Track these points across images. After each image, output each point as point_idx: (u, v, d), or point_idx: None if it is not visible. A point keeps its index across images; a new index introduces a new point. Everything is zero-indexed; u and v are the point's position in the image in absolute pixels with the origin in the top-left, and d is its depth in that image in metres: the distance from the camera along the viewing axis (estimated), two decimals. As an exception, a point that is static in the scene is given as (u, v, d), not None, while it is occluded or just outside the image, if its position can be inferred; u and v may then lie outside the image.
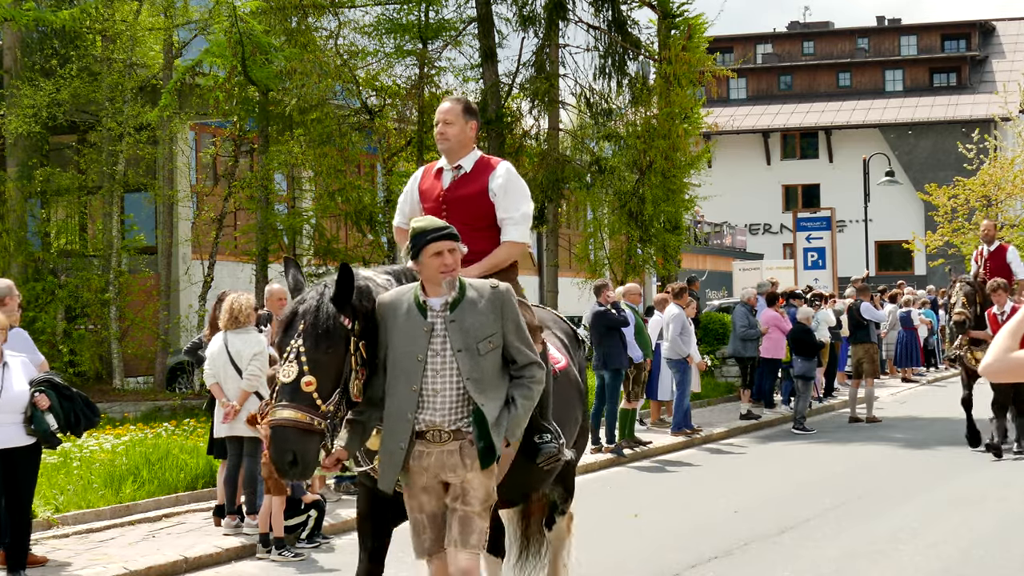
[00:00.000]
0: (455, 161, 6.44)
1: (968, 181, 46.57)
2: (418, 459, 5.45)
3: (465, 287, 5.51)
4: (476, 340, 5.40)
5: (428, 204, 6.45)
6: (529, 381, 5.52)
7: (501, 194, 6.34)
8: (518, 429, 5.50)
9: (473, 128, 6.45)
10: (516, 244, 6.37)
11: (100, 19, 22.98)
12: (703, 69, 22.93)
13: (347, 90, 22.42)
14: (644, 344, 15.76)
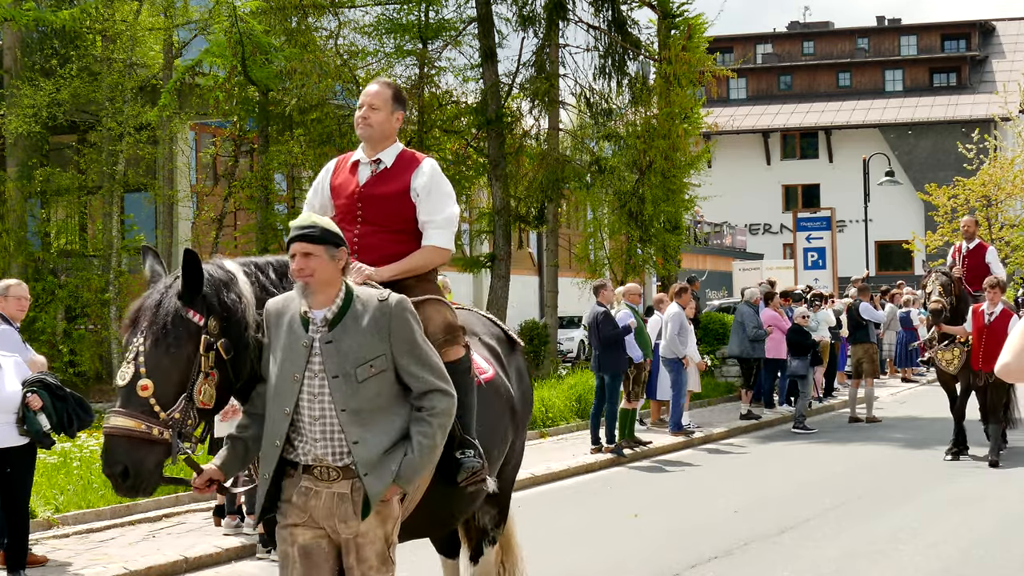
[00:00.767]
0: (375, 153, 5.81)
1: (968, 181, 46.56)
2: (304, 498, 4.75)
3: (351, 300, 4.76)
4: (354, 364, 4.64)
5: (341, 201, 5.83)
6: (429, 414, 4.71)
7: (424, 195, 5.71)
8: (414, 475, 4.70)
9: (399, 119, 5.85)
10: (438, 250, 5.73)
11: (100, 19, 22.98)
12: (703, 69, 22.94)
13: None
14: (644, 344, 15.75)
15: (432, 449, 4.72)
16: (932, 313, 14.35)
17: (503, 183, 22.04)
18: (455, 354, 5.44)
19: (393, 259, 5.60)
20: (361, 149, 5.86)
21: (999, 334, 13.26)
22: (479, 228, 24.67)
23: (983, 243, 15.73)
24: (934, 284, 14.37)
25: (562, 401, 18.12)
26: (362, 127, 5.76)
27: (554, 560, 9.37)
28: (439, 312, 5.52)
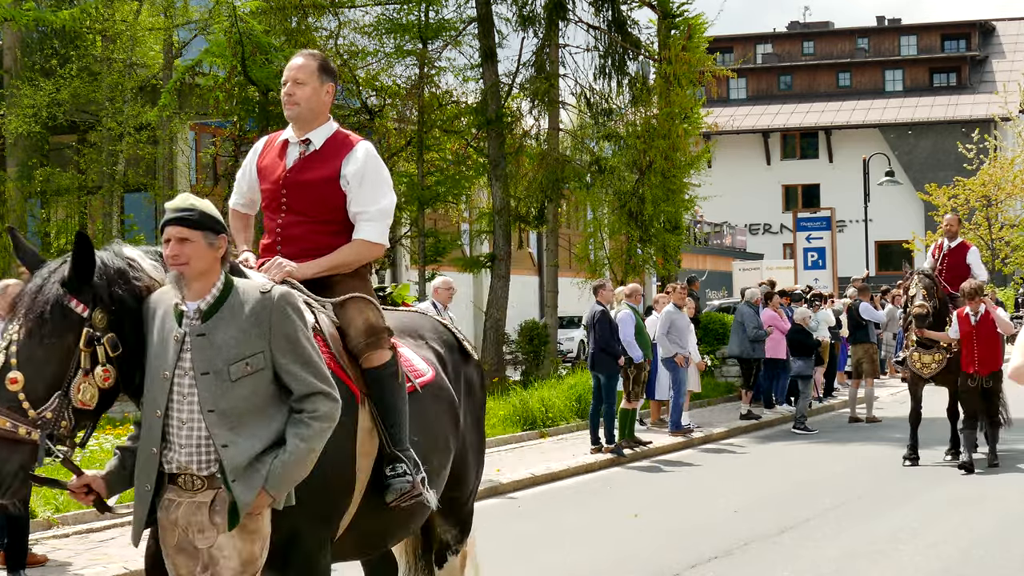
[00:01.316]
0: (304, 133, 5.26)
1: (968, 181, 46.57)
2: (167, 510, 4.28)
3: (231, 290, 4.33)
4: (227, 361, 4.21)
5: (266, 185, 5.32)
6: (310, 416, 4.27)
7: (356, 183, 5.18)
8: (285, 479, 4.21)
9: (330, 92, 5.28)
10: (370, 244, 5.22)
11: (100, 19, 22.98)
12: (703, 69, 22.96)
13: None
14: (644, 344, 15.76)
15: (308, 454, 4.25)
16: (916, 318, 13.72)
17: (503, 183, 22.04)
18: (379, 358, 4.96)
19: (318, 253, 5.15)
20: (290, 128, 5.35)
21: (988, 335, 13.19)
22: (479, 228, 24.68)
23: (965, 242, 15.23)
24: (917, 287, 13.84)
25: (562, 401, 18.12)
26: (288, 106, 5.23)
27: (554, 560, 9.38)
28: (361, 313, 5.03)
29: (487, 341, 22.03)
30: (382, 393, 4.93)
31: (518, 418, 17.21)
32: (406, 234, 24.26)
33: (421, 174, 22.22)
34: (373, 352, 4.96)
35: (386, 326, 5.09)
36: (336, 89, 5.39)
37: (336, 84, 5.37)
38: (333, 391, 4.35)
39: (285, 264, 5.02)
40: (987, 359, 13.27)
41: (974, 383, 13.37)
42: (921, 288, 13.77)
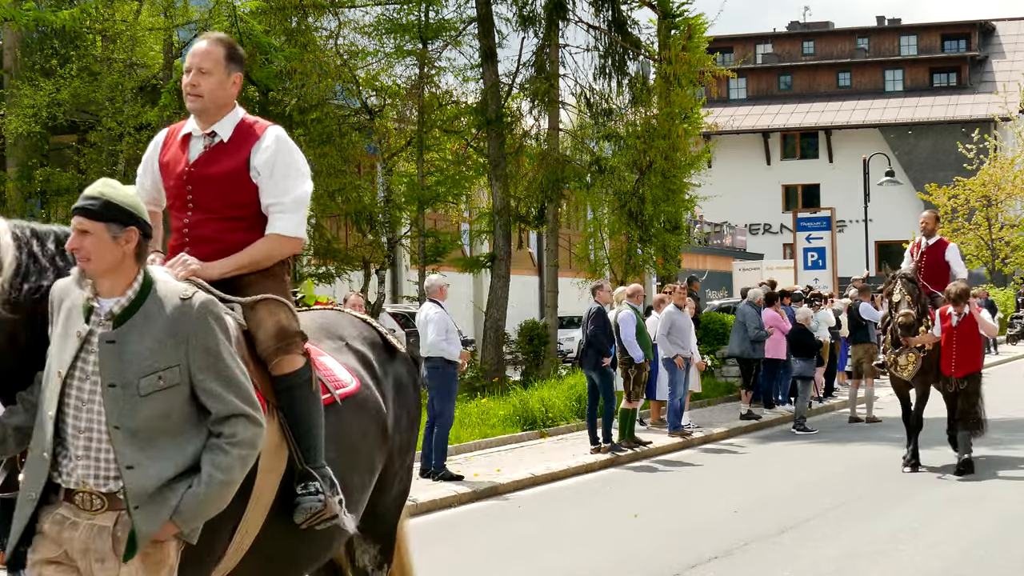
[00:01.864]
0: (209, 125, 4.84)
1: (968, 181, 46.63)
2: (59, 528, 3.90)
3: (148, 293, 3.89)
4: (138, 374, 3.78)
5: (170, 182, 4.90)
6: (228, 442, 3.83)
7: (266, 172, 4.78)
8: (197, 513, 3.82)
9: (237, 83, 4.86)
10: (284, 239, 4.82)
11: (100, 19, 22.99)
12: (703, 69, 22.96)
13: (347, 90, 22.44)
14: (644, 344, 15.75)
15: (225, 485, 3.83)
16: (903, 328, 13.15)
17: (503, 183, 22.05)
18: (290, 365, 4.56)
19: (230, 253, 4.74)
20: (194, 120, 4.92)
21: (968, 337, 12.94)
22: (479, 228, 24.68)
23: (943, 239, 14.63)
24: (902, 294, 13.30)
25: (562, 401, 18.11)
26: (191, 98, 4.80)
27: (554, 560, 9.38)
28: (272, 315, 4.62)
29: (487, 341, 22.03)
30: (293, 403, 4.51)
31: (518, 418, 17.21)
32: (406, 234, 24.27)
33: (421, 174, 22.22)
34: (284, 358, 4.56)
35: (299, 330, 4.67)
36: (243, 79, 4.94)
37: (242, 74, 4.92)
38: (257, 414, 3.93)
39: (190, 262, 4.62)
40: (965, 361, 13.02)
41: (951, 387, 13.12)
42: (905, 294, 13.29)
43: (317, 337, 5.06)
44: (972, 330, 12.93)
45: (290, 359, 4.56)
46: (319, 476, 4.48)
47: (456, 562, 9.45)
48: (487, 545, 10.17)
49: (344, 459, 4.75)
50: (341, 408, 4.83)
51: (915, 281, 13.52)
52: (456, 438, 15.53)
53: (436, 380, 13.13)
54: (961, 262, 14.46)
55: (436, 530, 10.86)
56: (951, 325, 12.91)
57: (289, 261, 4.97)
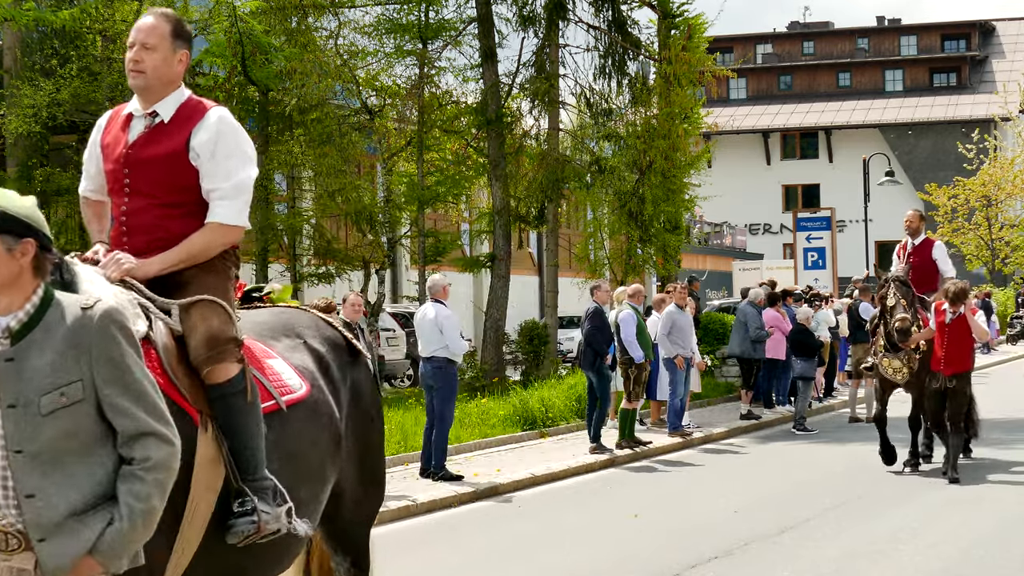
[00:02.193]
0: (151, 105, 4.55)
1: (968, 181, 46.63)
2: None
3: (49, 305, 3.60)
4: (38, 391, 3.48)
5: (108, 165, 4.61)
6: (142, 467, 3.53)
7: (207, 155, 4.47)
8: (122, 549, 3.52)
9: (183, 61, 4.56)
10: (224, 228, 4.50)
11: (100, 19, 22.97)
12: (703, 69, 22.96)
13: (347, 90, 22.45)
14: (645, 344, 15.75)
15: (146, 515, 3.53)
16: (900, 332, 12.82)
17: (503, 183, 22.05)
18: (223, 373, 4.26)
19: (169, 243, 4.45)
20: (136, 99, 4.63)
21: (959, 336, 12.65)
22: (479, 228, 24.69)
23: (930, 238, 14.39)
24: (896, 298, 13.02)
25: (562, 401, 18.11)
26: (133, 75, 4.53)
27: (554, 560, 9.38)
28: (205, 320, 4.30)
29: (487, 341, 22.04)
30: (227, 415, 4.22)
31: (518, 418, 17.21)
32: (406, 234, 24.28)
33: (421, 174, 22.22)
34: (215, 366, 4.25)
35: (233, 336, 4.34)
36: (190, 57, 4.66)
37: (190, 51, 4.64)
38: (168, 432, 3.61)
39: (124, 260, 4.33)
40: (954, 359, 12.67)
41: (937, 383, 12.76)
42: (900, 298, 13.01)
43: (273, 335, 4.84)
44: (964, 329, 12.65)
45: (223, 367, 4.27)
46: (258, 491, 4.22)
47: (456, 562, 9.45)
48: (487, 545, 10.17)
49: (290, 469, 4.46)
50: (287, 415, 4.54)
51: (908, 284, 13.24)
52: (456, 438, 15.54)
53: (438, 380, 13.11)
54: (948, 261, 14.20)
55: (436, 530, 10.87)
56: (944, 322, 12.62)
57: (235, 254, 4.66)
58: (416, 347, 23.54)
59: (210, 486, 4.12)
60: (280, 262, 22.71)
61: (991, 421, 17.84)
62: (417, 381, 23.35)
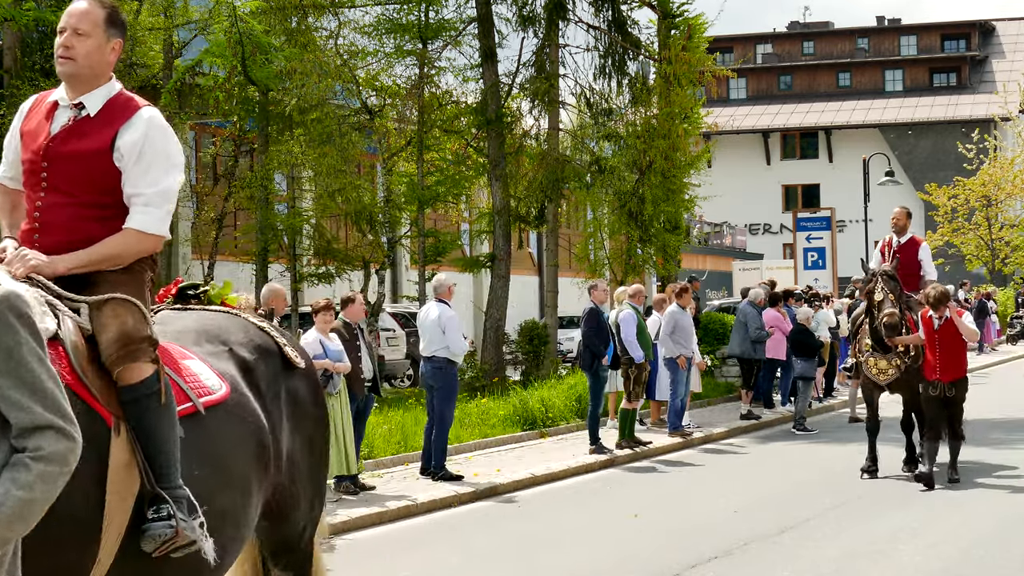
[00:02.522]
0: (77, 96, 4.32)
1: (968, 181, 46.62)
2: None
3: None
4: None
5: (26, 155, 4.35)
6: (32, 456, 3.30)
7: (132, 157, 4.24)
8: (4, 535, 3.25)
9: (116, 50, 4.36)
10: (143, 235, 4.28)
11: (100, 19, 22.97)
12: (703, 69, 22.96)
13: (347, 90, 22.44)
14: (645, 344, 15.75)
15: (25, 504, 3.25)
16: (888, 327, 12.48)
17: (503, 183, 22.05)
18: (136, 374, 4.07)
19: (83, 245, 4.23)
20: (63, 87, 4.38)
21: (951, 341, 12.41)
22: (479, 228, 24.69)
23: (915, 238, 14.02)
24: (884, 292, 12.67)
25: (562, 401, 18.12)
26: (62, 61, 4.28)
27: (554, 560, 9.38)
28: (117, 318, 4.11)
29: (487, 341, 22.04)
30: (140, 417, 4.03)
31: (518, 418, 17.21)
32: (406, 234, 24.28)
33: (421, 174, 22.23)
34: (127, 366, 4.06)
35: (148, 335, 4.14)
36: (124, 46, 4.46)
37: (123, 41, 4.42)
38: (68, 426, 3.35)
39: (31, 257, 4.11)
40: (950, 366, 12.42)
41: (936, 391, 12.47)
42: (888, 293, 12.68)
43: (195, 339, 4.62)
44: (954, 333, 12.41)
45: (136, 367, 4.07)
46: (173, 499, 4.01)
47: (456, 562, 9.46)
48: (487, 545, 10.17)
49: (208, 476, 4.24)
50: (205, 418, 4.31)
51: (896, 279, 12.94)
52: (456, 438, 15.54)
53: (438, 380, 13.11)
54: (932, 263, 13.98)
55: (436, 530, 10.87)
56: (933, 329, 12.37)
57: (154, 258, 4.46)
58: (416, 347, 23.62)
59: (125, 492, 3.95)
60: (280, 262, 22.71)
61: (991, 421, 17.87)
62: (417, 381, 23.38)
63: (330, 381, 11.85)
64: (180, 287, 5.03)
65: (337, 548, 10.09)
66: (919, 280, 13.49)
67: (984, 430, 16.70)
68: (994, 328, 35.96)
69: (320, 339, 11.91)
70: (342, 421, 11.95)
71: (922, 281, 13.40)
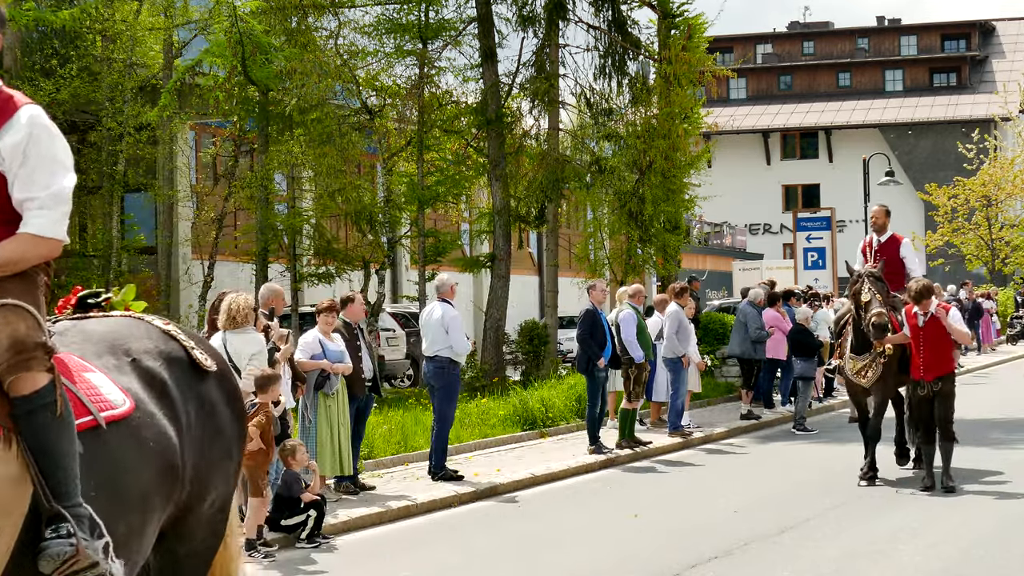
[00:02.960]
0: None
1: (968, 181, 46.61)
2: None
3: None
4: None
5: None
6: None
7: (17, 160, 4.03)
8: None
9: None
10: (40, 240, 4.10)
11: (100, 19, 23.00)
12: (703, 69, 22.95)
13: (347, 90, 22.44)
14: (645, 344, 15.75)
15: None
16: (877, 328, 12.06)
17: (503, 183, 22.05)
18: (29, 384, 3.86)
19: None
20: None
21: (936, 337, 12.00)
22: (479, 228, 24.70)
23: (896, 235, 13.67)
24: (871, 293, 12.30)
25: (562, 401, 18.11)
26: None
27: (554, 560, 9.38)
28: (9, 324, 3.89)
29: (487, 341, 22.04)
30: (35, 431, 3.80)
31: (518, 418, 17.21)
32: (406, 234, 24.28)
33: (421, 174, 22.23)
34: (20, 375, 3.84)
35: (42, 342, 3.92)
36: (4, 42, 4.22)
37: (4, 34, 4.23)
38: None
39: None
40: (934, 363, 12.00)
41: (923, 391, 12.09)
42: (875, 293, 12.29)
43: (96, 351, 4.36)
44: (940, 329, 11.97)
45: (29, 377, 3.85)
46: (73, 516, 3.79)
47: (456, 562, 9.46)
48: (487, 545, 10.17)
49: (109, 496, 3.99)
50: (106, 433, 4.05)
51: (883, 280, 12.57)
52: (456, 438, 15.54)
53: (440, 380, 13.11)
54: (916, 259, 13.66)
55: (436, 530, 10.87)
56: (917, 325, 11.99)
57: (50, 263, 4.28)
58: (417, 347, 23.65)
59: (12, 508, 3.72)
60: (280, 262, 22.72)
61: (991, 421, 17.87)
62: (417, 381, 23.38)
63: (327, 381, 11.85)
64: (79, 296, 4.82)
65: (337, 548, 10.10)
66: (904, 278, 13.13)
67: (984, 430, 16.69)
68: (994, 328, 35.93)
69: (320, 339, 11.92)
70: (339, 422, 11.95)
71: (907, 279, 13.05)
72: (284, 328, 12.17)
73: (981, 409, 18.58)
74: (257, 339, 10.37)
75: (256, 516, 9.75)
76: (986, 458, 14.38)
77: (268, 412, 9.88)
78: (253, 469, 9.74)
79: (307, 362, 11.76)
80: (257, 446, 9.73)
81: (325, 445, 11.81)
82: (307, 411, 11.82)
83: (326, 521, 10.45)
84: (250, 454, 9.74)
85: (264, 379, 9.91)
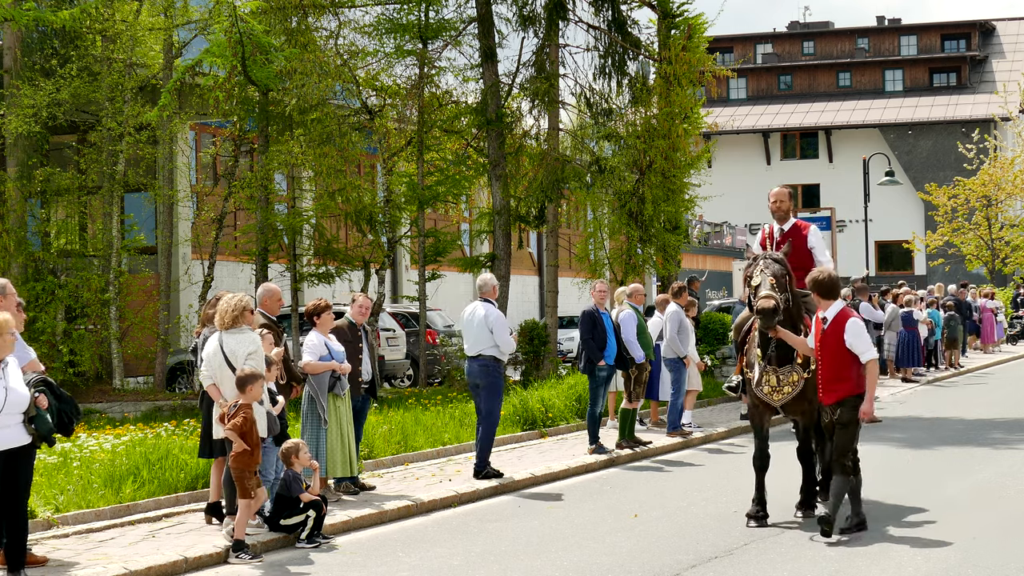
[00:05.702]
0: None
1: (968, 181, 46.61)
2: None
3: None
4: None
5: None
6: None
7: None
8: None
9: None
10: None
11: (100, 19, 23.01)
12: (703, 69, 22.95)
13: (347, 90, 22.44)
14: (646, 344, 15.74)
15: None
16: (762, 313, 9.83)
17: (503, 183, 22.05)
18: None
19: None
20: None
21: (835, 348, 9.83)
22: (479, 228, 24.70)
23: (800, 223, 11.45)
24: (763, 275, 10.05)
25: (562, 401, 18.11)
26: None
27: (554, 560, 9.38)
28: None
29: (487, 341, 22.00)
30: None
31: (518, 418, 17.20)
32: (406, 234, 24.28)
33: (421, 174, 22.23)
34: None
35: None
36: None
37: None
38: None
39: None
40: (831, 381, 9.87)
41: (827, 417, 10.07)
42: (768, 275, 10.05)
43: None
44: (839, 340, 9.82)
45: None
46: None
47: (456, 562, 9.46)
48: (487, 545, 10.17)
49: None
50: None
51: (785, 264, 10.28)
52: (456, 438, 15.55)
53: (485, 378, 13.10)
54: (827, 250, 11.37)
55: (436, 530, 10.87)
56: (821, 328, 9.93)
57: None
58: (415, 347, 23.65)
59: None
60: (280, 262, 22.72)
61: (991, 421, 17.87)
62: (417, 381, 23.38)
63: (338, 383, 11.85)
64: None
65: (337, 548, 10.11)
66: None
67: (984, 430, 16.69)
68: (1000, 328, 35.91)
69: (325, 341, 11.91)
70: (347, 422, 11.96)
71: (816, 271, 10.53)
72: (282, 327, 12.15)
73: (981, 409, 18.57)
74: (253, 339, 10.37)
75: (243, 517, 9.74)
76: (986, 458, 14.39)
77: (248, 413, 9.82)
78: (239, 471, 9.73)
79: (317, 364, 11.74)
80: (241, 447, 9.70)
81: (336, 447, 11.81)
82: (324, 413, 11.81)
83: (326, 521, 10.45)
84: (235, 455, 9.74)
85: (244, 379, 9.85)
